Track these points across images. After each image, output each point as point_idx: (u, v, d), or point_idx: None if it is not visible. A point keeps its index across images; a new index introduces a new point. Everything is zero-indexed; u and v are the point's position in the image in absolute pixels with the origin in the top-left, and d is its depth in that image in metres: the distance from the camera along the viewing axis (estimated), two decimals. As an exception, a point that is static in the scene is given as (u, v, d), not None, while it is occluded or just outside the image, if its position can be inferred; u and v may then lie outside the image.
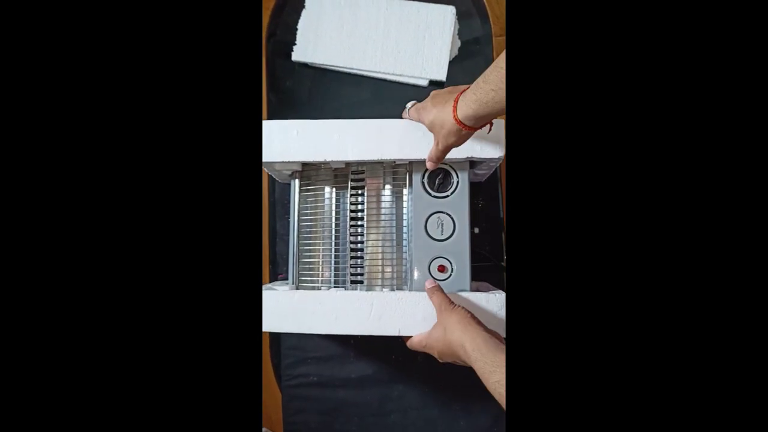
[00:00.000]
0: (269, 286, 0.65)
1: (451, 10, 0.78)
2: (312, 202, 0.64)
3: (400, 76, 0.79)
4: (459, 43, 0.80)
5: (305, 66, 0.82)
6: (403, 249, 0.61)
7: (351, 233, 0.61)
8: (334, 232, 0.63)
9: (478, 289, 0.58)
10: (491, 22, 0.81)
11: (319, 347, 0.75)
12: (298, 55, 0.80)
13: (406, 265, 0.60)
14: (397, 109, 0.61)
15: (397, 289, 0.59)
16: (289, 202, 0.74)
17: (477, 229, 0.61)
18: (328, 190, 0.63)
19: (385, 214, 0.62)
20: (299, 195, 0.64)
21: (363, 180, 0.62)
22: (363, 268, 0.61)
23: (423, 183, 0.59)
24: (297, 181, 0.64)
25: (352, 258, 0.61)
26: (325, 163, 0.60)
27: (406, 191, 0.61)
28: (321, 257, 0.63)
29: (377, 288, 0.60)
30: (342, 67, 0.80)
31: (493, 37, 0.81)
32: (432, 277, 0.58)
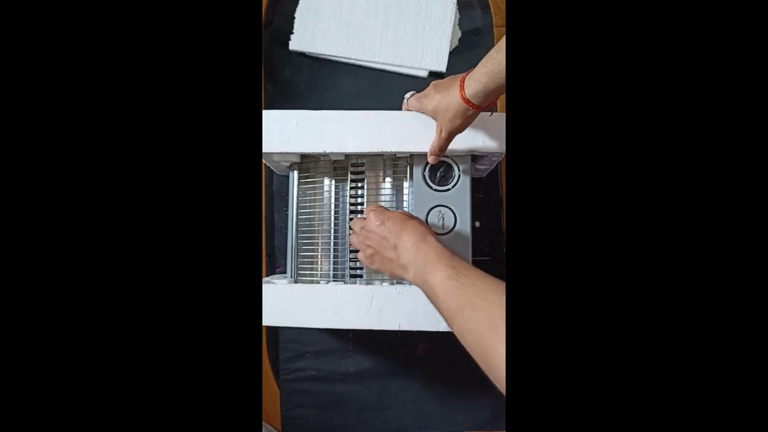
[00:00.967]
0: (267, 279, 0.64)
1: (451, 0, 0.77)
2: (311, 195, 0.63)
3: (400, 66, 0.78)
4: (459, 34, 0.79)
5: (303, 55, 0.80)
6: (404, 242, 0.60)
7: (350, 226, 0.61)
8: (333, 225, 0.62)
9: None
10: (492, 12, 0.80)
11: (318, 341, 0.75)
12: (296, 44, 0.79)
13: (407, 259, 0.59)
14: (396, 100, 0.60)
15: (396, 282, 0.59)
16: (287, 194, 0.73)
17: (478, 223, 0.60)
18: (327, 182, 0.62)
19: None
20: (298, 187, 0.63)
21: (363, 172, 0.61)
22: (363, 261, 0.60)
23: (424, 176, 0.58)
24: (296, 172, 0.63)
25: (351, 251, 0.60)
26: (325, 154, 0.59)
27: (406, 184, 0.60)
28: (320, 250, 0.62)
29: (376, 282, 0.59)
30: (340, 57, 0.79)
31: (494, 28, 0.80)
32: None
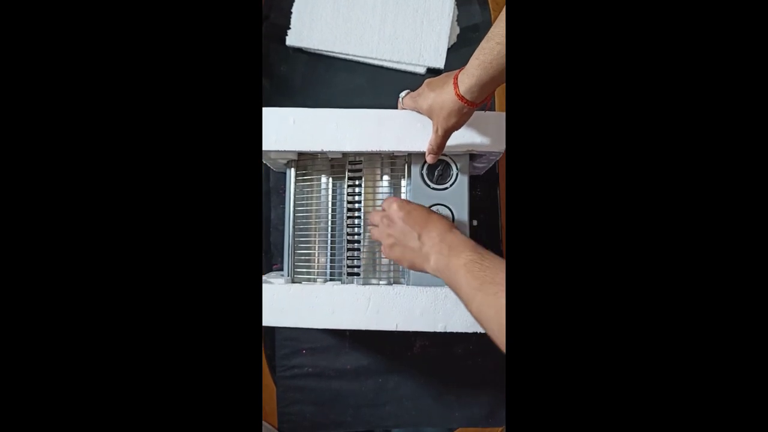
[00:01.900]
0: (264, 277, 0.64)
1: (450, -4, 0.76)
2: (308, 192, 0.63)
3: (398, 63, 0.77)
4: (458, 30, 0.79)
5: (300, 51, 0.79)
6: (401, 241, 0.60)
7: (348, 225, 0.60)
8: (330, 224, 0.61)
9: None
10: (491, 8, 0.80)
11: (314, 338, 0.75)
12: (293, 39, 0.78)
13: (404, 258, 0.59)
14: (394, 97, 0.60)
15: (393, 282, 0.58)
16: (283, 191, 0.72)
17: (475, 222, 0.60)
18: (324, 180, 0.62)
19: (382, 206, 0.61)
20: (295, 185, 0.62)
21: (360, 170, 0.61)
22: (360, 260, 0.60)
23: (422, 174, 0.58)
24: (293, 170, 0.62)
25: (348, 250, 0.60)
26: (322, 152, 0.59)
27: (404, 182, 0.60)
28: (317, 249, 0.62)
29: (374, 281, 0.59)
30: (337, 53, 0.78)
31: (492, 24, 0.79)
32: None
